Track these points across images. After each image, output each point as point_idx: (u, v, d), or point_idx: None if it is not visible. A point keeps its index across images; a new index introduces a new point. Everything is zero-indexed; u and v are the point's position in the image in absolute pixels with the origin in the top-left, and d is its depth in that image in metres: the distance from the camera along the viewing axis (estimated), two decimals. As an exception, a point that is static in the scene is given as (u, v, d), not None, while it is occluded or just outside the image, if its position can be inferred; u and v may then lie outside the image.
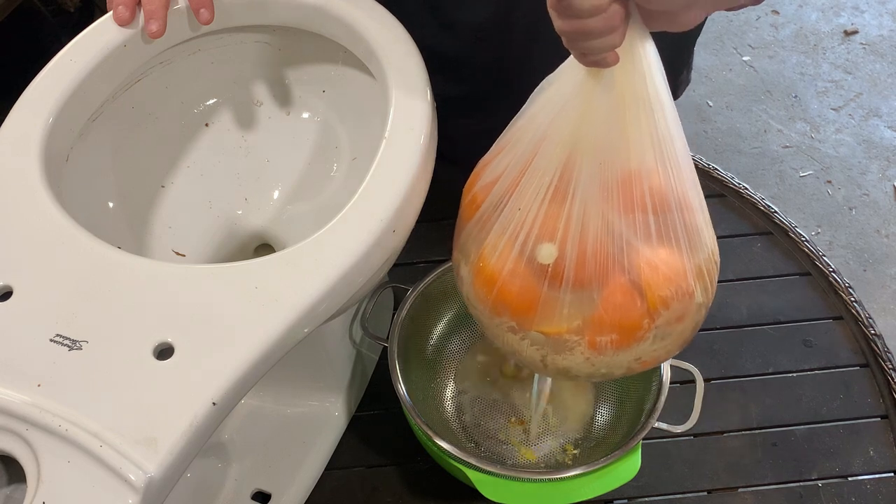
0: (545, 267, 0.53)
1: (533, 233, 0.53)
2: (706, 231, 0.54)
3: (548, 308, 0.55)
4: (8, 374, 0.47)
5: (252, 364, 0.48)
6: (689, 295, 0.53)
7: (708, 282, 0.54)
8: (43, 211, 0.54)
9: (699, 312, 0.55)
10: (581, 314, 0.54)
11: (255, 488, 0.71)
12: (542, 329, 0.55)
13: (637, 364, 0.56)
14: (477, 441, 0.72)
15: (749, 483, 0.73)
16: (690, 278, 0.53)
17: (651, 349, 0.55)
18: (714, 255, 0.55)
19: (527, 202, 0.53)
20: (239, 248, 0.74)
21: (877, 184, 1.75)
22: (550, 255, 0.53)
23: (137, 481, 0.43)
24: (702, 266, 0.53)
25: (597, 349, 0.55)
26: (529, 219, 0.53)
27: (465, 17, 0.78)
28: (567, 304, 0.54)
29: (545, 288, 0.54)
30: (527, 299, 0.55)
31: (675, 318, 0.53)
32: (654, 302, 0.52)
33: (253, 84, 0.75)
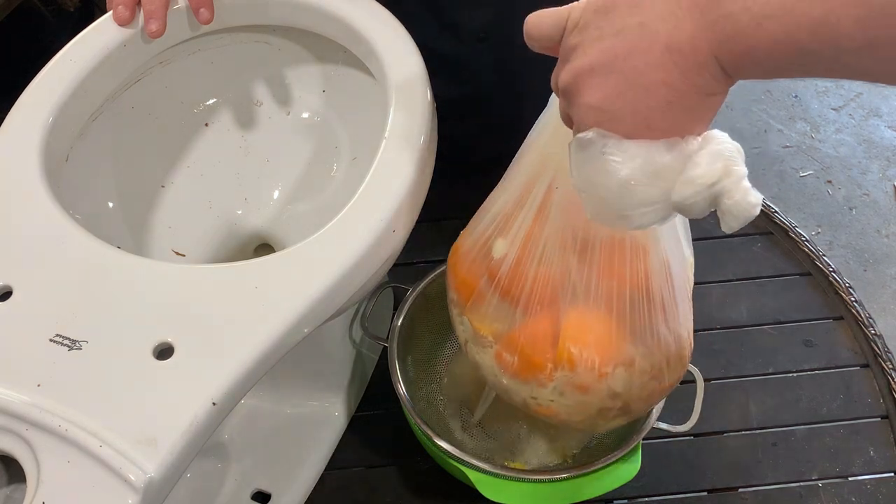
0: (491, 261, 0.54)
1: (498, 224, 0.53)
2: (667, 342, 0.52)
3: (479, 302, 0.55)
4: (8, 374, 0.47)
5: (252, 364, 0.48)
6: (600, 373, 0.51)
7: (637, 383, 0.52)
8: (43, 211, 0.54)
9: (611, 401, 0.53)
10: (501, 323, 0.54)
11: (255, 488, 0.71)
12: (471, 318, 0.57)
13: (533, 403, 0.55)
14: (477, 441, 0.72)
15: (749, 483, 0.73)
16: (612, 362, 0.51)
17: (547, 398, 0.54)
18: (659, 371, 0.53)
19: (508, 193, 0.53)
20: (239, 248, 0.74)
21: (877, 184, 1.75)
22: (500, 250, 0.53)
23: (137, 481, 0.43)
24: (637, 364, 0.52)
25: (501, 363, 0.55)
26: (503, 209, 0.53)
27: (466, 18, 0.78)
28: (492, 308, 0.54)
29: (482, 282, 0.54)
30: (467, 284, 0.56)
31: (579, 384, 0.52)
32: (561, 354, 0.51)
33: (253, 84, 0.75)
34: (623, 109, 0.38)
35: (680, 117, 0.39)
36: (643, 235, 0.50)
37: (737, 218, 0.39)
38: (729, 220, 0.39)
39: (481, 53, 0.82)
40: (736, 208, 0.39)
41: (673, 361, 0.54)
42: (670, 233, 0.51)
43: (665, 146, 0.39)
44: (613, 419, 0.55)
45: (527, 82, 0.84)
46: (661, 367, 0.53)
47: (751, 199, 0.39)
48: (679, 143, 0.39)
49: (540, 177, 0.51)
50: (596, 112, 0.39)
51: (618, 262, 0.49)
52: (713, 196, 0.39)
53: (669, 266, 0.51)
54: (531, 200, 0.51)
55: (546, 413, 0.56)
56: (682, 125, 0.39)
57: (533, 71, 0.79)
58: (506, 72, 0.84)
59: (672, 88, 0.37)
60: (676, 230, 0.52)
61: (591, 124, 0.40)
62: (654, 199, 0.40)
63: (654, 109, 0.38)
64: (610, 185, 0.40)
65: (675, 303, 0.52)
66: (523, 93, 0.86)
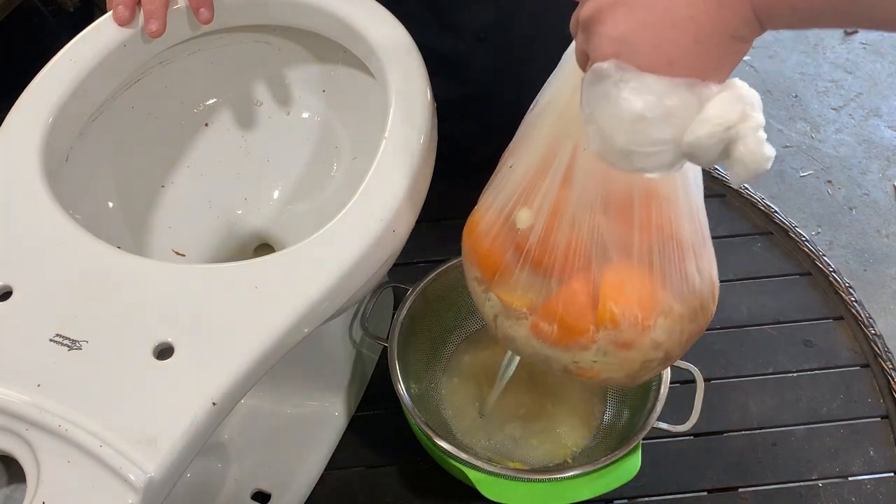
0: (517, 233, 0.53)
1: (520, 194, 0.52)
2: (699, 285, 0.52)
3: (507, 275, 0.54)
4: (8, 374, 0.47)
5: (252, 364, 0.48)
6: (643, 327, 0.51)
7: (677, 329, 0.52)
8: (43, 211, 0.54)
9: (654, 352, 0.53)
10: (535, 294, 0.53)
11: (255, 488, 0.71)
12: (499, 293, 0.56)
13: (574, 367, 0.55)
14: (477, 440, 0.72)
15: (749, 483, 0.73)
16: (653, 314, 0.51)
17: (590, 360, 0.54)
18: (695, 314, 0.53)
19: (527, 162, 0.52)
20: (239, 248, 0.74)
21: (877, 184, 1.75)
22: (525, 221, 0.52)
23: (137, 481, 0.43)
24: (675, 310, 0.52)
25: (538, 334, 0.54)
26: (524, 180, 0.52)
27: (466, 18, 0.79)
28: (522, 280, 0.53)
29: (509, 255, 0.54)
30: (492, 259, 0.55)
31: (623, 342, 0.52)
32: (603, 314, 0.51)
33: (253, 84, 0.75)
34: (646, 42, 0.38)
35: (703, 58, 0.38)
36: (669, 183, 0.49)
37: (747, 168, 0.38)
38: (739, 169, 0.38)
39: (481, 53, 0.82)
40: (748, 157, 0.38)
41: (706, 301, 0.54)
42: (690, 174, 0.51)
43: (685, 85, 0.38)
44: (655, 369, 0.55)
45: (527, 82, 0.85)
46: (696, 308, 0.53)
47: (765, 151, 0.38)
48: (699, 86, 0.38)
49: (563, 141, 0.50)
50: (617, 43, 0.38)
51: (648, 215, 0.49)
52: (727, 140, 0.38)
53: (694, 205, 0.51)
54: (556, 166, 0.50)
55: (588, 375, 0.55)
56: (704, 67, 0.38)
57: (533, 71, 0.79)
58: (506, 72, 0.84)
59: (700, 27, 0.36)
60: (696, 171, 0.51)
61: (609, 55, 0.39)
62: (664, 140, 0.39)
63: (678, 46, 0.37)
64: (622, 119, 0.39)
65: (703, 245, 0.52)
66: (523, 93, 0.86)
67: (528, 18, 0.79)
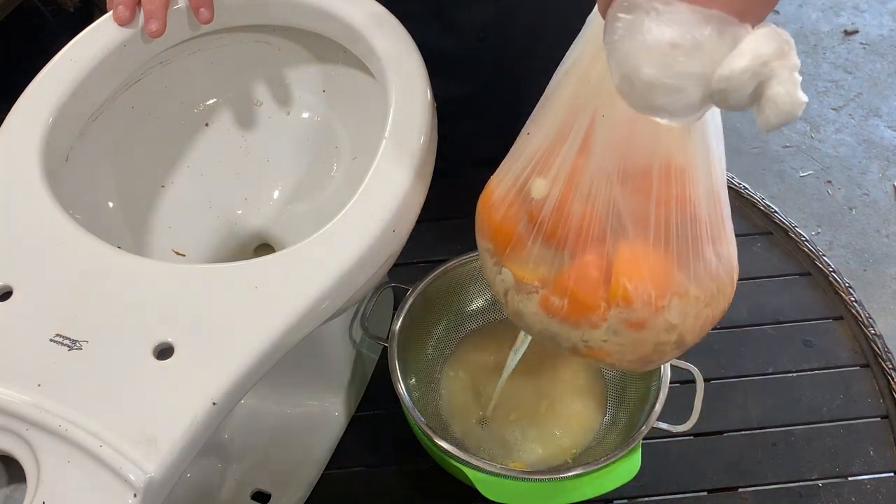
0: (531, 204, 0.51)
1: (536, 163, 0.51)
2: (717, 268, 0.51)
3: (519, 247, 0.53)
4: (8, 374, 0.47)
5: (252, 364, 0.48)
6: (656, 307, 0.50)
7: (692, 312, 0.51)
8: (43, 211, 0.54)
9: (667, 334, 0.51)
10: (547, 267, 0.52)
11: (255, 488, 0.71)
12: (511, 267, 0.55)
13: (583, 346, 0.53)
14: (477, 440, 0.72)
15: (749, 483, 0.73)
16: (668, 293, 0.49)
17: (600, 339, 0.52)
18: (711, 298, 0.52)
19: (544, 130, 0.51)
20: (239, 248, 0.74)
21: (877, 184, 1.75)
22: (540, 190, 0.51)
23: (137, 481, 0.43)
24: (691, 292, 0.50)
25: (548, 309, 0.53)
26: (540, 148, 0.51)
27: (466, 17, 0.79)
28: (535, 252, 0.52)
29: (522, 226, 0.52)
30: (505, 230, 0.54)
31: (635, 321, 0.50)
32: (616, 290, 0.49)
33: (253, 84, 0.75)
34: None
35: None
36: (690, 157, 0.48)
37: (779, 109, 0.37)
38: (769, 111, 0.37)
39: (481, 53, 0.82)
40: (782, 98, 0.36)
41: (723, 286, 0.52)
42: (713, 145, 0.49)
43: (718, 18, 0.37)
44: (668, 354, 0.54)
45: (527, 81, 0.85)
46: (713, 293, 0.51)
47: (799, 94, 0.36)
48: (732, 23, 0.37)
49: (582, 107, 0.49)
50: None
51: (668, 190, 0.48)
52: (762, 77, 0.37)
53: (716, 186, 0.50)
54: (574, 134, 0.49)
55: (598, 355, 0.54)
56: (740, 5, 0.37)
57: (533, 70, 0.79)
58: (506, 71, 0.84)
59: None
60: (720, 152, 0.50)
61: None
62: (692, 73, 0.38)
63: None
64: (651, 48, 0.38)
65: (723, 227, 0.51)
66: (523, 92, 0.86)
67: (527, 18, 0.79)
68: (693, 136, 0.47)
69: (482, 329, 0.79)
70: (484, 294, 0.78)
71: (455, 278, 0.75)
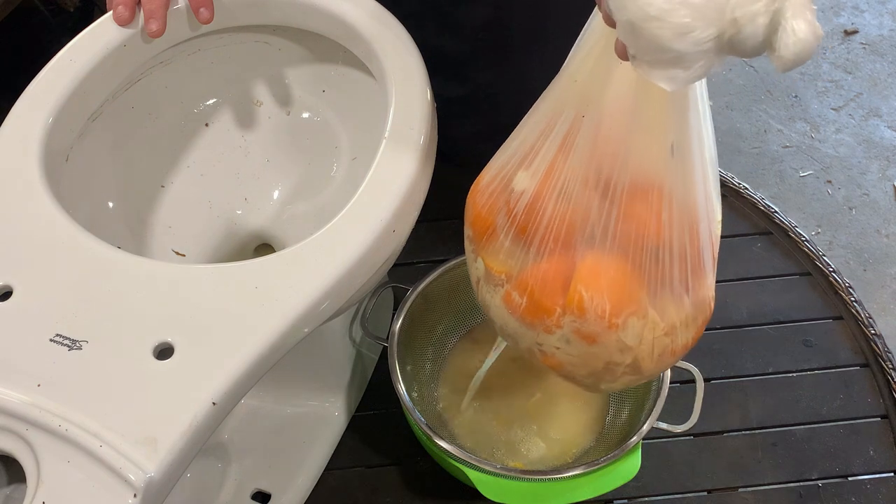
0: (510, 196, 0.51)
1: (522, 156, 0.50)
2: (685, 301, 0.50)
3: (493, 239, 0.53)
4: (8, 373, 0.47)
5: (252, 364, 0.48)
6: (610, 324, 0.49)
7: (649, 337, 0.50)
8: (43, 211, 0.54)
9: (620, 354, 0.50)
10: (514, 262, 0.52)
11: (255, 488, 0.71)
12: (483, 256, 0.54)
13: (538, 350, 0.53)
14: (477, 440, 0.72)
15: (749, 483, 0.73)
16: (624, 312, 0.48)
17: (553, 345, 0.52)
18: (672, 329, 0.50)
19: (532, 124, 0.50)
20: (239, 248, 0.74)
21: (877, 184, 1.75)
22: (523, 183, 0.50)
23: (137, 481, 0.43)
24: (650, 317, 0.49)
25: (508, 304, 0.53)
26: (526, 141, 0.51)
27: (466, 17, 0.78)
28: (506, 245, 0.52)
29: (499, 218, 0.52)
30: (483, 220, 0.54)
31: (587, 333, 0.49)
32: (572, 298, 0.49)
33: (253, 84, 0.75)
34: None
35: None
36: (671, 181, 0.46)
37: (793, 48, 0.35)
38: (784, 49, 0.36)
39: (481, 52, 0.82)
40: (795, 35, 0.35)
41: (689, 320, 0.51)
42: (699, 181, 0.48)
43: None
44: (621, 377, 0.53)
45: (527, 81, 0.85)
46: (675, 325, 0.50)
47: (816, 29, 0.35)
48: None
49: (568, 105, 0.48)
50: None
51: (641, 207, 0.47)
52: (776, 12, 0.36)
53: (696, 219, 0.48)
54: (556, 132, 0.49)
55: (551, 363, 0.53)
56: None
57: (533, 70, 0.78)
58: (506, 71, 0.84)
59: None
60: (706, 178, 0.49)
61: None
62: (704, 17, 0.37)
63: None
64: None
65: (699, 259, 0.49)
66: (523, 92, 0.86)
67: (527, 17, 0.79)
68: (675, 156, 0.46)
69: (482, 328, 0.79)
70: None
71: (455, 278, 0.75)
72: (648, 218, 0.47)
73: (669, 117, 0.45)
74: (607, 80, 0.45)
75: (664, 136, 0.46)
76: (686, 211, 0.48)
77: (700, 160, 0.47)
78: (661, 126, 0.45)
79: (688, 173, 0.47)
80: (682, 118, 0.45)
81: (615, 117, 0.46)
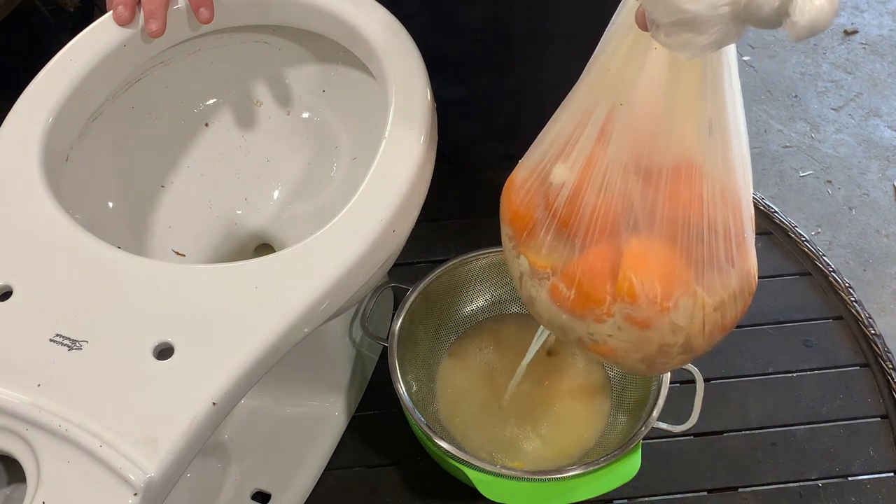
0: (549, 190, 0.51)
1: (559, 149, 0.50)
2: (730, 276, 0.50)
3: (534, 234, 0.53)
4: (8, 373, 0.47)
5: (252, 364, 0.48)
6: (662, 307, 0.49)
7: (699, 315, 0.50)
8: (43, 211, 0.54)
9: (673, 336, 0.51)
10: (559, 255, 0.52)
11: (255, 488, 0.71)
12: (525, 253, 0.54)
13: (589, 339, 0.53)
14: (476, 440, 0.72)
15: (749, 483, 0.73)
16: (675, 294, 0.49)
17: (605, 333, 0.52)
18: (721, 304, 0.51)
19: (567, 116, 0.50)
20: (239, 248, 0.74)
21: (877, 184, 1.75)
22: (561, 176, 0.50)
23: (137, 481, 0.43)
24: (699, 295, 0.49)
25: (556, 298, 0.53)
26: (561, 134, 0.50)
27: (466, 18, 0.79)
28: (549, 240, 0.52)
29: (539, 212, 0.52)
30: (522, 216, 0.54)
31: (639, 319, 0.50)
32: (622, 286, 0.49)
33: (253, 84, 0.75)
34: None
35: None
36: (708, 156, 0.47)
37: (808, 14, 0.35)
38: (799, 15, 0.35)
39: (481, 53, 0.82)
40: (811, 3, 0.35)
41: (736, 294, 0.51)
42: (736, 156, 0.48)
43: None
44: (675, 357, 0.53)
45: (527, 82, 0.85)
46: (724, 299, 0.51)
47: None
48: None
49: (603, 95, 0.48)
50: None
51: (683, 188, 0.47)
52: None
53: (737, 193, 0.49)
54: (593, 121, 0.48)
55: (603, 351, 0.53)
56: None
57: (533, 70, 0.79)
58: (506, 71, 0.84)
59: None
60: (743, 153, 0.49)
61: None
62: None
63: None
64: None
65: (742, 233, 0.50)
66: (523, 92, 0.86)
67: (527, 18, 0.79)
68: (713, 135, 0.47)
69: (482, 328, 0.79)
70: (484, 294, 0.78)
71: (455, 278, 0.75)
72: (691, 198, 0.47)
73: (705, 96, 0.45)
74: (642, 66, 0.46)
75: (701, 116, 0.46)
76: (727, 187, 0.48)
77: (736, 136, 0.48)
78: (698, 106, 0.45)
79: (726, 150, 0.47)
80: (717, 96, 0.45)
81: (652, 102, 0.46)
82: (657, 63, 0.45)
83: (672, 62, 0.45)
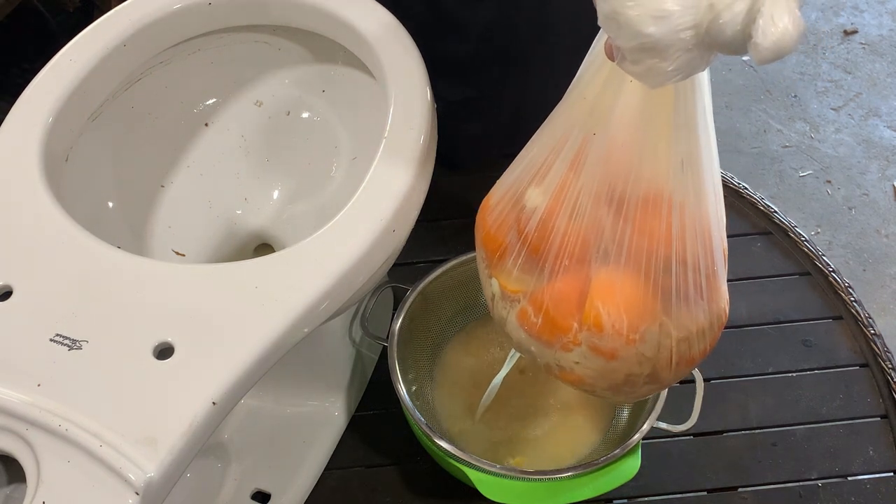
0: (521, 215, 0.51)
1: (533, 174, 0.50)
2: (700, 311, 0.50)
3: (505, 258, 0.53)
4: (8, 373, 0.47)
5: (252, 364, 0.48)
6: (628, 339, 0.49)
7: (666, 346, 0.50)
8: (43, 211, 0.54)
9: (639, 367, 0.51)
10: (528, 280, 0.52)
11: (255, 488, 0.71)
12: (497, 276, 0.54)
13: (556, 367, 0.53)
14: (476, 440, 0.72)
15: (749, 483, 0.73)
16: (641, 326, 0.48)
17: (572, 361, 0.52)
18: (688, 338, 0.50)
19: (543, 142, 0.50)
20: (239, 248, 0.74)
21: (876, 183, 1.75)
22: (535, 200, 0.50)
23: (137, 481, 0.43)
24: (666, 327, 0.49)
25: (524, 323, 0.53)
26: (536, 159, 0.50)
27: (468, 18, 0.78)
28: (519, 264, 0.52)
29: (511, 236, 0.52)
30: (494, 239, 0.54)
31: (605, 349, 0.50)
32: (588, 315, 0.49)
33: (253, 84, 0.75)
34: None
35: None
36: (682, 193, 0.46)
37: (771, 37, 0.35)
38: (761, 37, 0.35)
39: (482, 54, 0.82)
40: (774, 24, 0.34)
41: (705, 329, 0.51)
42: (709, 191, 0.48)
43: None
44: (641, 387, 0.53)
45: (528, 83, 0.85)
46: (691, 335, 0.50)
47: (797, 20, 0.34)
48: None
49: (577, 123, 0.48)
50: None
51: (654, 221, 0.47)
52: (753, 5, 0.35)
53: (708, 229, 0.48)
54: (567, 148, 0.48)
55: (570, 379, 0.53)
56: None
57: (534, 71, 0.79)
58: (507, 72, 0.84)
59: None
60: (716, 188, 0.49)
61: None
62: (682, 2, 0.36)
63: None
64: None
65: (713, 267, 0.49)
66: (524, 93, 0.86)
67: (529, 18, 0.79)
68: (685, 170, 0.47)
69: (482, 328, 0.79)
70: (483, 294, 0.78)
71: (455, 278, 0.75)
72: (661, 231, 0.47)
73: (678, 133, 0.45)
74: (617, 98, 0.46)
75: (674, 151, 0.46)
76: (699, 222, 0.48)
77: (709, 172, 0.48)
78: (671, 141, 0.45)
79: (698, 185, 0.47)
80: (690, 133, 0.45)
81: (626, 134, 0.46)
82: (632, 96, 0.45)
83: (645, 95, 0.44)
